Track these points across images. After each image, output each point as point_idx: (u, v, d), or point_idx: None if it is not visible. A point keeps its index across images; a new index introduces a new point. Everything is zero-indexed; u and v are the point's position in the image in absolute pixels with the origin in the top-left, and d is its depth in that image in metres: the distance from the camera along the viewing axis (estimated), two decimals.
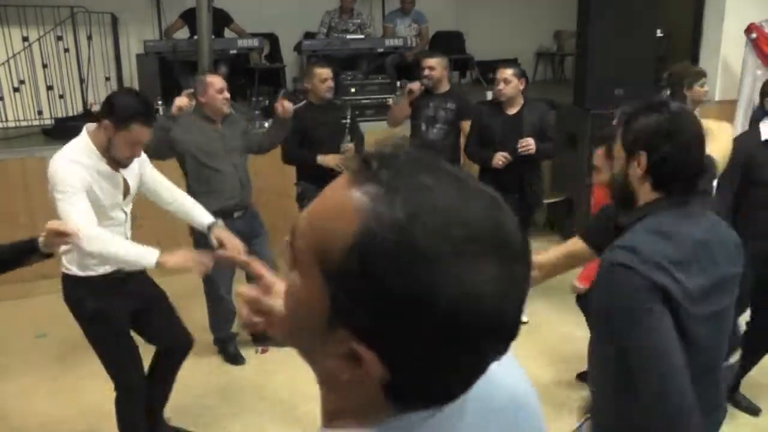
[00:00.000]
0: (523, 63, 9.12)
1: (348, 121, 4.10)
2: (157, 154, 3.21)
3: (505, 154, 3.75)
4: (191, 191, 3.48)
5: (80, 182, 2.37)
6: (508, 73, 3.78)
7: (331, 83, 4.04)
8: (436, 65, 4.21)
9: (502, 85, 3.79)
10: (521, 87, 3.82)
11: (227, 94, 3.56)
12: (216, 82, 3.53)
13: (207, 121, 3.58)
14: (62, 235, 2.01)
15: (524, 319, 4.12)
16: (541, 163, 4.12)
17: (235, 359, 3.80)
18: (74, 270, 2.55)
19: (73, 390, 3.50)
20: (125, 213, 2.66)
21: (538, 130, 3.82)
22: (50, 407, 3.37)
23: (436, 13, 7.28)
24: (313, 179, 3.92)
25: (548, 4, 8.94)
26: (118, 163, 2.50)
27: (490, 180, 3.85)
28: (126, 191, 2.61)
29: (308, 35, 6.98)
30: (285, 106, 3.67)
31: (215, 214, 3.40)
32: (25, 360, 3.84)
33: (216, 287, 3.65)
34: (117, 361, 2.68)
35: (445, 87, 4.24)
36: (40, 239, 2.01)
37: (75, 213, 2.32)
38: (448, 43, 7.24)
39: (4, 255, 2.04)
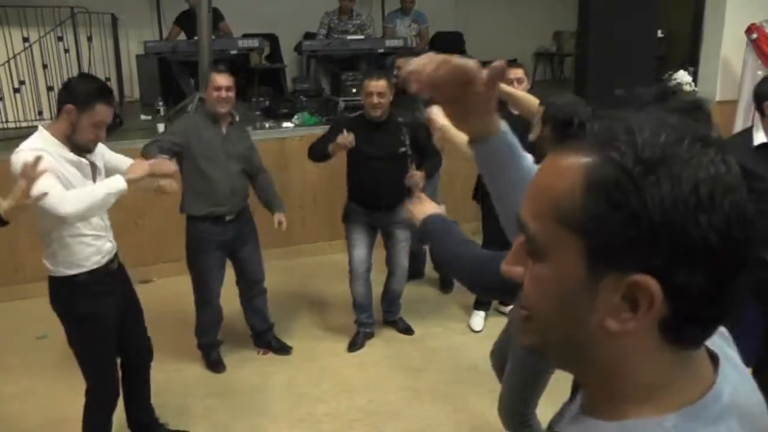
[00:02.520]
0: (523, 63, 9.15)
1: (405, 149, 3.60)
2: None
3: None
4: (185, 190, 3.47)
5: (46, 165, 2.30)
6: (520, 72, 3.77)
7: (376, 99, 3.56)
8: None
9: (515, 85, 3.74)
10: (528, 87, 3.81)
11: (225, 94, 3.38)
12: (216, 79, 3.39)
13: (210, 120, 3.46)
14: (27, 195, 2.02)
15: None
16: None
17: (216, 366, 3.70)
18: (61, 270, 2.48)
19: (72, 391, 3.48)
20: None
21: None
22: (50, 409, 3.36)
23: (436, 13, 7.28)
24: (360, 201, 3.80)
25: (547, 5, 8.94)
26: (83, 148, 2.45)
27: None
28: (95, 175, 2.56)
29: (308, 36, 6.97)
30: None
31: (205, 217, 3.47)
32: (26, 361, 3.83)
33: (206, 291, 3.58)
34: (99, 367, 2.64)
35: None
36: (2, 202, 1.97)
37: (42, 185, 2.23)
38: (448, 44, 7.22)
39: None
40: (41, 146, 2.34)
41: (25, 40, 6.13)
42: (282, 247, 5.18)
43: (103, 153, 2.66)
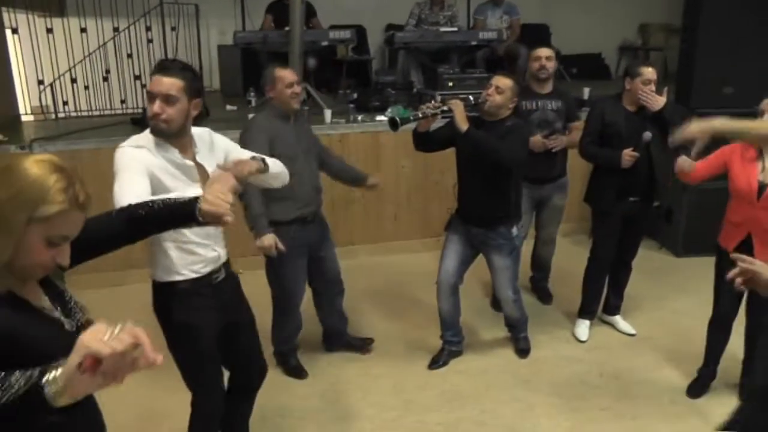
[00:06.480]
0: (606, 58, 8.84)
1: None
2: None
3: (631, 152, 3.47)
4: (264, 198, 3.20)
5: (139, 163, 2.15)
6: (654, 72, 3.49)
7: (497, 98, 3.26)
8: (552, 56, 3.91)
9: (652, 86, 3.47)
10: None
11: (298, 89, 3.23)
12: (287, 75, 3.21)
13: (280, 119, 3.23)
14: (217, 217, 1.71)
15: (632, 331, 3.95)
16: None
17: (298, 372, 3.56)
18: (159, 275, 2.31)
19: (170, 382, 3.42)
20: None
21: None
22: (148, 400, 3.31)
23: (520, 4, 7.02)
24: (458, 212, 3.51)
25: None
26: (159, 130, 2.19)
27: (614, 183, 3.62)
28: (204, 179, 2.28)
29: (391, 27, 6.84)
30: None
31: (291, 223, 3.26)
32: None
33: (292, 301, 3.42)
34: (200, 378, 2.47)
35: (551, 84, 4.00)
36: (200, 206, 1.67)
37: (128, 186, 2.07)
38: (534, 36, 6.95)
39: (162, 218, 1.72)
40: (140, 143, 2.21)
41: (115, 29, 6.19)
42: (372, 243, 5.09)
43: (228, 152, 2.43)
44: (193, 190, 2.12)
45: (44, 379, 1.05)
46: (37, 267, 1.31)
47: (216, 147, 2.40)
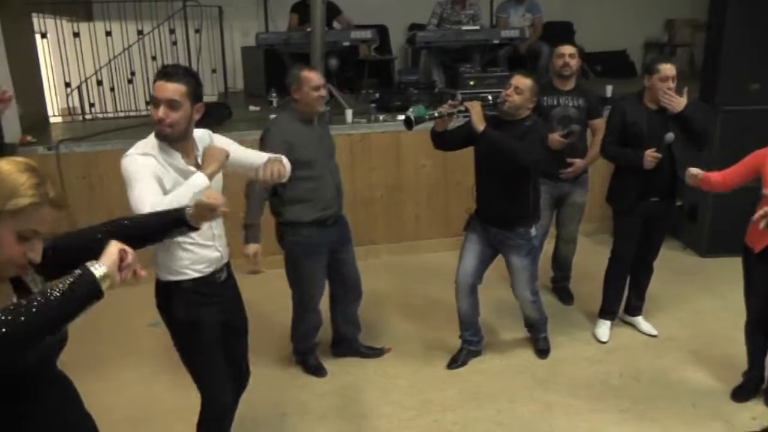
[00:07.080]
0: (631, 54, 8.73)
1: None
2: None
3: (653, 152, 3.42)
4: (282, 200, 3.24)
5: (148, 169, 2.19)
6: (673, 68, 3.44)
7: (516, 99, 3.25)
8: (575, 53, 3.90)
9: (671, 83, 3.43)
10: None
11: (324, 92, 3.22)
12: (313, 78, 3.18)
13: (302, 122, 3.23)
14: (212, 209, 1.88)
15: (654, 332, 3.90)
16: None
17: (317, 370, 3.58)
18: (162, 275, 2.36)
19: (183, 380, 3.45)
20: None
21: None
22: (171, 396, 3.36)
23: (544, 2, 6.97)
24: (478, 212, 3.49)
25: None
26: (163, 135, 2.22)
27: (635, 183, 3.58)
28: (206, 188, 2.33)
29: (414, 27, 6.83)
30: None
31: (311, 224, 3.27)
32: (141, 349, 3.86)
33: (312, 302, 3.43)
34: (208, 376, 2.49)
35: (573, 81, 3.98)
36: (188, 211, 1.87)
37: (143, 193, 2.13)
38: (558, 34, 6.89)
39: (147, 228, 1.85)
40: (146, 150, 2.24)
41: (140, 32, 6.28)
42: (394, 242, 5.11)
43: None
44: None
45: (89, 265, 1.30)
46: (8, 263, 1.35)
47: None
